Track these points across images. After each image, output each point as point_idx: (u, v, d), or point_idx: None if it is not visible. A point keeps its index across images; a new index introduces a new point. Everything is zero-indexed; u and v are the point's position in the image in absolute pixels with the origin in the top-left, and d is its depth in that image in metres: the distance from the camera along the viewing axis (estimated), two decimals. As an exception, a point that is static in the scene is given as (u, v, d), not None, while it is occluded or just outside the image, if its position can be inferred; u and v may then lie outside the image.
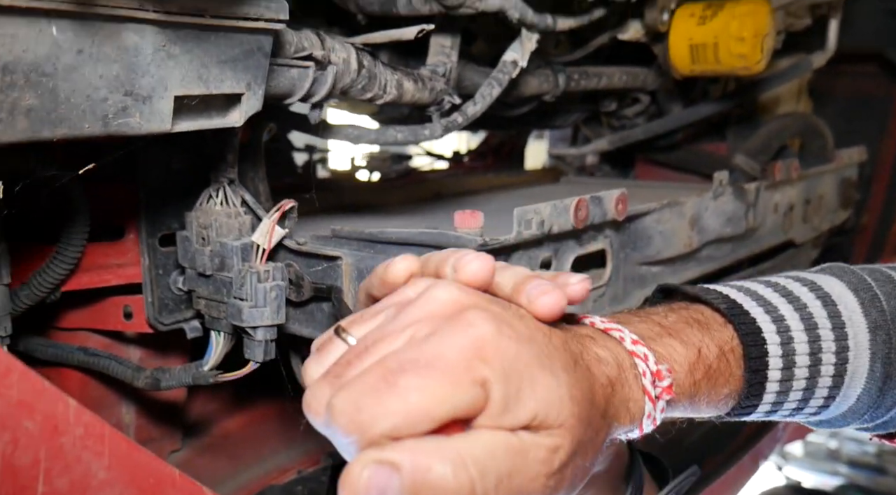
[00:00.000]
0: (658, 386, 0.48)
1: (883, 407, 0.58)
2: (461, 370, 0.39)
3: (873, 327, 0.56)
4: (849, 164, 1.35)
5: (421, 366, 0.39)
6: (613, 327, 0.49)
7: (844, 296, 0.57)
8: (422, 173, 1.53)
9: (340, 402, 0.38)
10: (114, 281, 0.73)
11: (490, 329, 0.41)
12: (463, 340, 0.40)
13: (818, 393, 0.56)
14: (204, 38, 0.52)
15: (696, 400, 0.51)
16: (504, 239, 0.68)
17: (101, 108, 0.48)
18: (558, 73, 1.08)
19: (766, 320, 0.54)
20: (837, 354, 0.55)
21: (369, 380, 0.39)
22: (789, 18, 1.24)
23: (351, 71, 0.71)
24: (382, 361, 0.40)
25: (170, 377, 0.71)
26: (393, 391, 0.38)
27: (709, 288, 0.58)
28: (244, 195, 0.71)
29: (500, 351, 0.40)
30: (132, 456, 0.40)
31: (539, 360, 0.41)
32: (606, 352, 0.47)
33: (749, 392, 0.53)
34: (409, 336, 0.41)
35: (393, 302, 0.45)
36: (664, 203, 0.91)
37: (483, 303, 0.43)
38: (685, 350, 0.51)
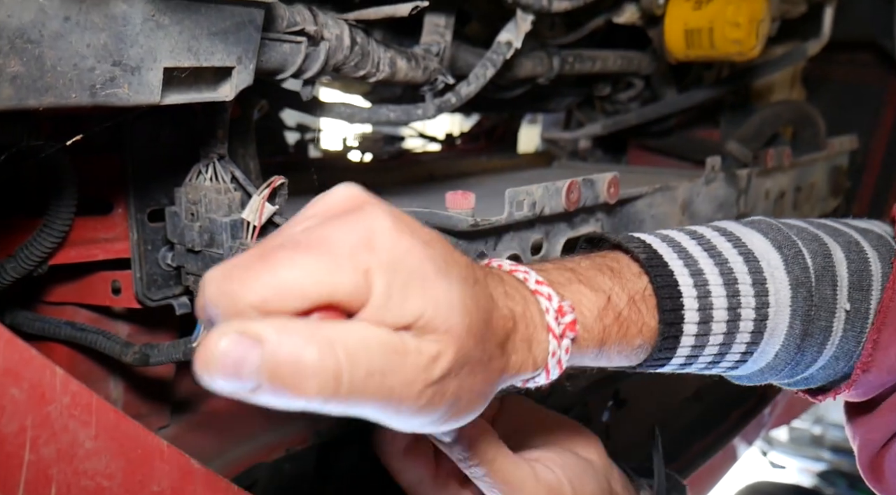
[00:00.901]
0: (561, 322, 0.46)
1: (802, 363, 0.57)
2: (344, 254, 0.36)
3: (795, 284, 0.55)
4: (840, 153, 1.35)
5: (301, 246, 0.36)
6: (519, 269, 0.48)
7: (768, 253, 0.55)
8: (414, 155, 1.52)
9: (211, 272, 0.36)
10: (102, 255, 0.72)
11: (386, 222, 0.38)
12: (353, 228, 0.37)
13: (735, 348, 0.54)
14: (194, 9, 0.51)
15: (606, 346, 0.50)
16: (495, 220, 0.68)
17: (88, 77, 0.47)
18: (553, 55, 1.07)
19: (684, 273, 0.53)
20: (757, 310, 0.53)
21: (245, 256, 0.37)
22: (784, 5, 1.24)
23: (344, 47, 0.71)
24: (263, 243, 0.38)
25: (159, 353, 0.71)
26: (266, 263, 0.35)
27: (633, 236, 0.56)
28: (234, 171, 0.70)
29: (392, 243, 0.37)
30: (120, 426, 0.40)
31: (434, 263, 0.38)
32: (512, 288, 0.45)
33: (662, 344, 0.52)
34: (303, 226, 0.39)
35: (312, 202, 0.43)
36: (656, 187, 0.91)
37: (384, 205, 0.40)
38: (594, 295, 0.49)
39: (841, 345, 0.57)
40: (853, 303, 0.56)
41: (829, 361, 0.58)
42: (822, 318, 0.56)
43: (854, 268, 0.58)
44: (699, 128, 1.37)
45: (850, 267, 0.57)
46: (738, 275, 0.54)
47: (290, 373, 0.33)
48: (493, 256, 0.72)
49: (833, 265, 0.57)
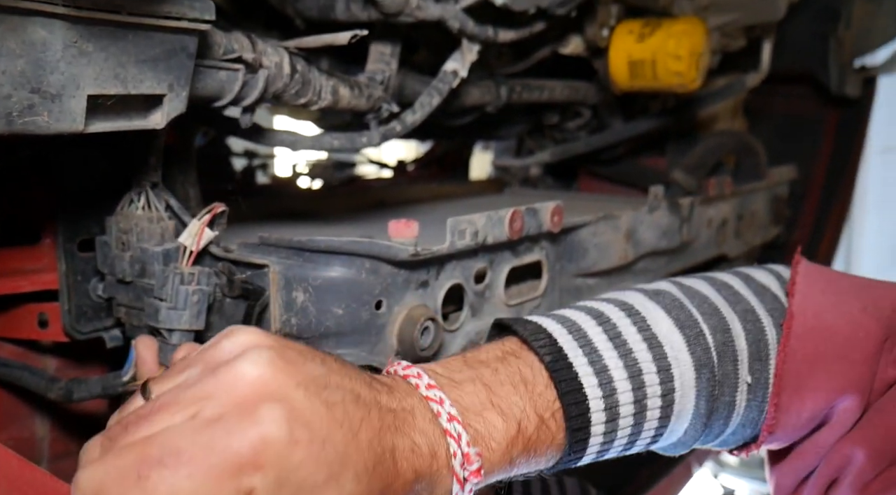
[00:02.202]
0: (466, 469, 0.47)
1: (711, 435, 0.60)
2: (227, 475, 0.36)
3: (698, 365, 0.56)
4: (780, 182, 1.39)
5: (182, 462, 0.36)
6: (434, 397, 0.48)
7: (671, 335, 0.57)
8: (365, 181, 1.51)
9: (83, 480, 0.36)
10: (28, 287, 0.69)
11: (280, 432, 0.38)
12: (243, 440, 0.37)
13: (644, 434, 0.56)
14: (121, 36, 0.50)
15: (513, 469, 0.52)
16: (437, 249, 0.68)
17: (3, 105, 0.45)
18: (500, 84, 1.08)
19: (588, 373, 0.54)
20: (663, 397, 0.55)
21: (122, 463, 0.36)
22: (724, 39, 1.28)
23: (283, 75, 0.70)
24: (147, 442, 0.37)
25: (83, 388, 0.67)
26: (140, 486, 0.35)
27: (540, 327, 0.57)
28: (168, 199, 0.68)
29: (281, 459, 0.37)
30: (24, 475, 0.37)
31: (327, 469, 0.39)
32: (422, 437, 0.46)
33: (571, 449, 0.53)
34: (193, 412, 0.38)
35: (202, 357, 0.43)
36: (600, 216, 0.92)
37: (288, 391, 0.40)
38: (505, 425, 0.50)
39: (746, 414, 0.59)
40: (753, 374, 0.58)
41: (736, 429, 0.60)
42: (726, 394, 0.58)
43: (752, 339, 0.59)
44: (647, 156, 1.40)
45: (748, 338, 0.59)
46: (643, 364, 0.55)
47: None
48: (437, 285, 0.72)
49: (732, 340, 0.59)
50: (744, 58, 1.36)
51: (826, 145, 1.72)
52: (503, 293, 0.80)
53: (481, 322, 0.78)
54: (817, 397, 0.57)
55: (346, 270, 0.65)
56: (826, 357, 0.57)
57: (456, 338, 0.75)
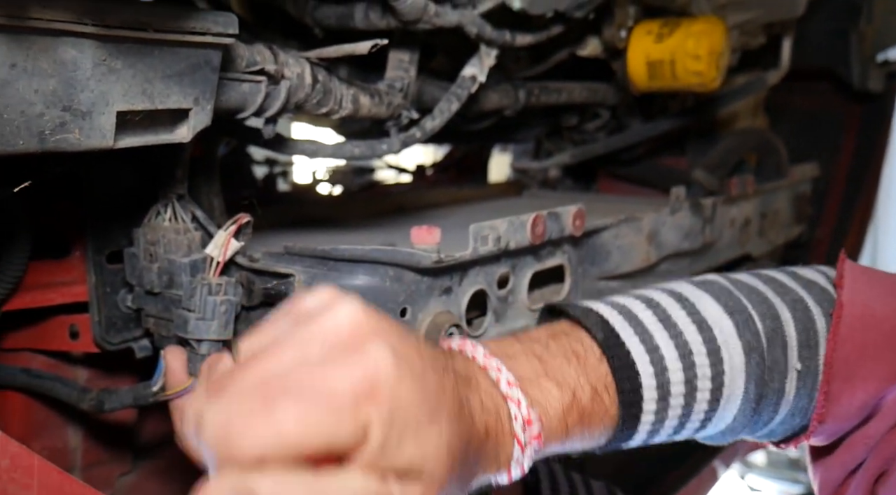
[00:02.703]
0: (528, 432, 0.48)
1: (760, 423, 0.60)
2: (347, 406, 0.37)
3: (748, 350, 0.57)
4: (802, 180, 1.38)
5: (305, 393, 0.37)
6: (493, 366, 0.49)
7: (721, 321, 0.57)
8: (384, 187, 1.52)
9: (211, 415, 0.36)
10: (59, 299, 0.71)
11: (389, 366, 0.39)
12: (357, 373, 0.38)
13: (694, 417, 0.57)
14: (147, 53, 0.51)
15: (568, 441, 0.52)
16: (459, 255, 0.68)
17: (36, 123, 0.46)
18: (518, 88, 1.08)
19: (640, 351, 0.55)
20: (713, 379, 0.56)
21: (247, 397, 0.37)
22: (744, 37, 1.27)
23: (305, 85, 0.71)
24: (265, 379, 0.38)
25: (114, 398, 0.68)
26: (269, 414, 0.36)
27: (591, 309, 0.58)
28: (195, 211, 0.69)
29: (393, 392, 0.39)
30: (63, 487, 0.38)
31: (428, 406, 0.40)
32: (488, 398, 0.47)
33: (624, 426, 0.54)
34: (298, 355, 0.39)
35: (290, 311, 0.43)
36: (621, 218, 0.91)
37: (385, 333, 0.41)
38: (560, 393, 0.51)
39: (795, 402, 0.59)
40: (803, 361, 0.59)
41: (785, 417, 0.60)
42: (776, 380, 0.58)
43: (801, 327, 0.59)
44: (666, 156, 1.39)
45: (797, 326, 0.59)
46: (693, 346, 0.56)
47: None
48: (461, 291, 0.72)
49: (782, 326, 0.59)
50: (764, 55, 1.35)
51: (848, 141, 1.70)
52: (526, 298, 0.80)
53: (505, 327, 0.78)
54: (867, 386, 0.56)
55: (369, 278, 0.66)
56: (876, 346, 0.57)
57: (480, 344, 0.76)
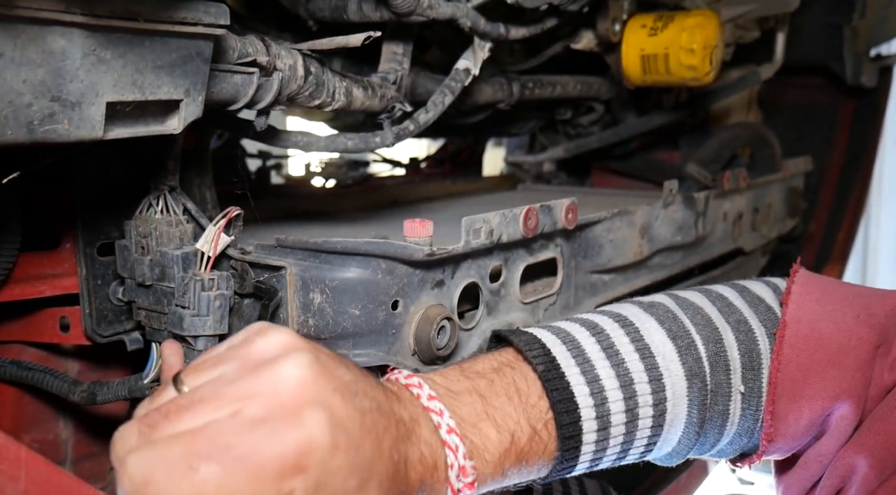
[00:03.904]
0: (461, 480, 0.48)
1: (707, 443, 0.61)
2: (271, 477, 0.37)
3: (689, 375, 0.58)
4: (795, 174, 1.38)
5: (230, 459, 0.37)
6: (435, 409, 0.50)
7: (663, 346, 0.58)
8: (378, 180, 1.52)
9: (133, 464, 0.37)
10: (49, 291, 0.70)
11: (323, 438, 0.39)
12: (288, 443, 0.38)
13: (637, 443, 0.58)
14: (138, 43, 0.51)
15: (505, 480, 0.53)
16: (452, 248, 0.68)
17: (25, 114, 0.46)
18: (512, 81, 1.08)
19: (580, 382, 0.55)
20: (655, 406, 0.57)
21: (172, 453, 0.37)
22: (738, 31, 1.27)
23: (297, 77, 0.70)
24: (196, 435, 0.38)
25: (107, 390, 0.68)
26: (190, 477, 0.36)
27: (535, 338, 0.58)
28: (186, 203, 0.69)
29: (323, 464, 0.39)
30: (51, 479, 0.38)
31: (359, 475, 0.40)
32: (427, 449, 0.48)
33: (563, 458, 0.55)
34: (236, 409, 0.39)
35: (238, 354, 0.43)
36: (614, 212, 0.91)
37: (328, 397, 0.41)
38: (498, 437, 0.52)
39: (741, 423, 0.60)
40: (746, 384, 0.59)
41: (733, 438, 0.61)
42: (719, 403, 0.59)
43: (744, 349, 0.60)
44: (660, 150, 1.39)
45: (740, 348, 0.60)
46: (635, 374, 0.57)
47: None
48: (453, 284, 0.72)
49: (725, 350, 0.60)
50: (757, 49, 1.35)
51: (842, 136, 1.70)
52: (518, 291, 0.80)
53: (497, 320, 0.78)
54: (813, 404, 0.58)
55: (362, 271, 0.66)
56: (820, 364, 0.58)
57: (472, 337, 0.76)
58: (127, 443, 0.38)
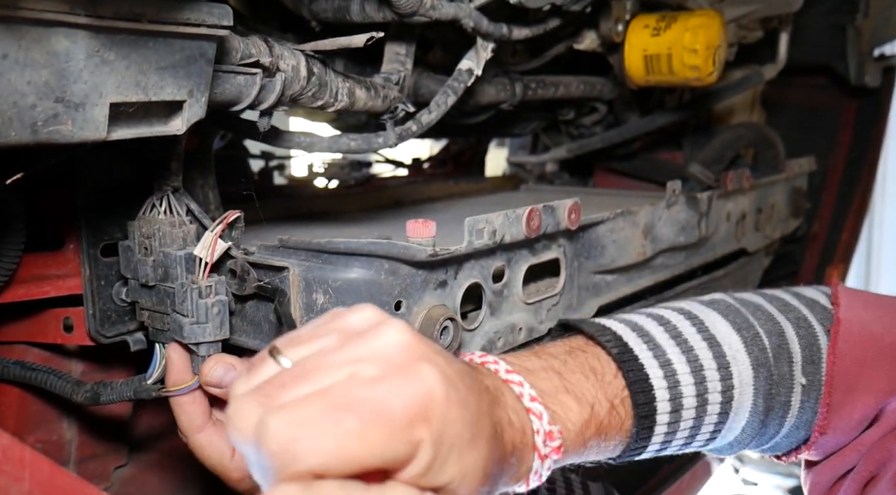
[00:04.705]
0: (548, 445, 0.50)
1: (767, 435, 0.62)
2: (403, 425, 0.39)
3: (756, 365, 0.60)
4: (799, 174, 1.38)
5: (367, 410, 0.38)
6: (515, 380, 0.51)
7: (729, 337, 0.60)
8: (381, 180, 1.52)
9: (277, 424, 0.37)
10: (53, 292, 0.70)
11: (440, 389, 0.41)
12: (411, 395, 0.40)
13: (704, 429, 0.59)
14: (142, 44, 0.51)
15: (586, 452, 0.54)
16: (455, 249, 0.68)
17: (29, 115, 0.46)
18: (515, 81, 1.08)
19: (653, 365, 0.57)
20: (723, 393, 0.58)
21: (311, 410, 0.38)
22: (741, 31, 1.27)
23: (300, 78, 0.70)
24: (327, 393, 0.39)
25: (111, 391, 0.68)
26: (334, 429, 0.37)
27: (605, 327, 0.60)
28: (189, 204, 0.69)
29: (443, 415, 0.40)
30: (55, 480, 0.38)
31: (470, 430, 0.42)
32: (514, 415, 0.49)
33: (638, 436, 0.56)
34: (352, 372, 0.40)
35: (335, 327, 0.44)
36: (617, 212, 0.91)
37: (434, 357, 0.42)
38: (579, 408, 0.53)
39: (800, 415, 0.61)
40: (807, 376, 0.61)
41: (790, 430, 0.62)
42: (782, 394, 0.61)
43: (805, 343, 0.62)
44: (663, 151, 1.39)
45: (801, 342, 0.62)
46: (704, 361, 0.58)
47: None
48: (456, 284, 0.72)
49: (787, 343, 0.62)
50: (761, 49, 1.35)
51: (845, 136, 1.70)
52: (521, 291, 0.80)
53: (500, 321, 0.78)
54: (867, 398, 0.59)
55: (365, 271, 0.66)
56: (874, 359, 0.60)
57: (475, 338, 0.76)
58: (251, 414, 0.38)
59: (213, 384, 0.62)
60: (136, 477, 0.86)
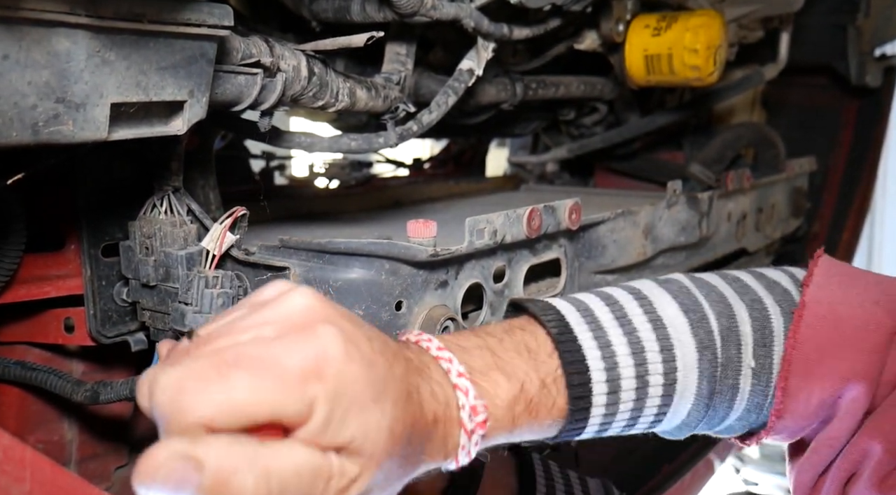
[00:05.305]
0: (473, 420, 0.49)
1: (716, 418, 0.61)
2: (295, 381, 0.39)
3: (701, 347, 0.59)
4: (799, 174, 1.38)
5: (256, 366, 0.38)
6: (445, 357, 0.51)
7: (675, 319, 0.59)
8: (382, 180, 1.52)
9: (164, 379, 0.38)
10: (54, 292, 0.70)
11: (337, 348, 0.41)
12: (306, 351, 0.40)
13: (647, 411, 0.58)
14: (142, 44, 0.51)
15: (516, 430, 0.54)
16: (455, 249, 0.68)
17: (30, 115, 0.46)
18: (516, 81, 1.08)
19: (592, 346, 0.56)
20: (665, 375, 0.57)
21: (200, 365, 0.38)
22: (742, 31, 1.27)
23: (301, 78, 0.70)
24: (220, 351, 0.39)
25: (110, 390, 0.68)
26: (221, 381, 0.37)
27: (550, 305, 0.59)
28: (190, 203, 0.69)
29: (340, 372, 0.40)
30: (56, 480, 0.38)
31: (374, 388, 0.42)
32: (438, 388, 0.49)
33: (573, 417, 0.55)
34: (254, 334, 0.41)
35: (248, 301, 0.45)
36: (618, 212, 0.91)
37: (336, 318, 0.43)
38: (508, 385, 0.53)
39: (750, 398, 0.61)
40: (758, 360, 0.60)
41: (742, 414, 0.61)
42: (729, 377, 0.60)
43: (757, 326, 0.61)
44: (663, 151, 1.39)
45: (753, 325, 0.61)
46: (646, 343, 0.58)
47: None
48: (457, 284, 0.72)
49: (737, 325, 0.60)
50: (761, 49, 1.35)
51: (846, 136, 1.70)
52: (522, 291, 0.80)
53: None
54: (825, 384, 0.58)
55: (365, 272, 0.66)
56: (835, 345, 0.59)
57: (476, 338, 0.76)
58: (153, 372, 0.39)
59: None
60: (136, 477, 0.86)
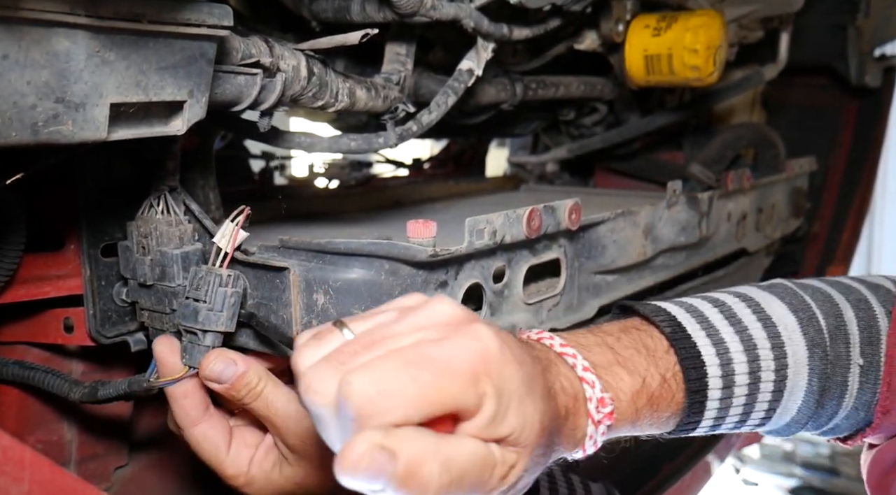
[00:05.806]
0: (601, 411, 0.52)
1: (824, 416, 0.63)
2: (469, 377, 0.42)
3: (811, 345, 0.60)
4: (799, 174, 1.38)
5: (438, 365, 0.41)
6: (569, 353, 0.54)
7: (785, 318, 0.61)
8: (382, 180, 1.52)
9: (361, 382, 0.40)
10: (53, 292, 0.70)
11: (495, 346, 0.44)
12: (473, 350, 0.43)
13: (758, 407, 0.60)
14: (142, 44, 0.51)
15: (638, 423, 0.56)
16: (455, 249, 0.68)
17: (29, 115, 0.46)
18: (516, 82, 1.08)
19: (706, 344, 0.59)
20: (777, 372, 0.59)
21: (390, 367, 0.41)
22: (742, 31, 1.27)
23: (301, 78, 0.70)
24: (401, 353, 0.42)
25: (108, 387, 0.68)
26: (414, 383, 0.40)
27: (660, 308, 0.62)
28: (189, 204, 0.69)
29: (501, 369, 0.44)
30: (56, 480, 0.38)
31: (527, 385, 0.45)
32: (567, 382, 0.52)
33: (690, 411, 0.58)
34: (417, 338, 0.44)
35: (393, 306, 0.48)
36: (618, 212, 0.91)
37: (484, 322, 0.46)
38: (630, 379, 0.56)
39: (859, 396, 0.62)
40: (865, 357, 0.62)
41: (850, 412, 0.63)
42: (839, 374, 0.61)
43: (864, 324, 0.63)
44: (663, 151, 1.39)
45: (859, 324, 0.63)
46: (758, 340, 0.60)
47: (415, 485, 0.40)
48: (456, 285, 0.72)
49: (845, 324, 0.62)
50: (761, 49, 1.35)
51: (845, 136, 1.70)
52: (522, 291, 0.80)
53: (500, 321, 0.78)
54: None
55: (365, 272, 0.66)
56: None
57: (476, 338, 0.75)
58: (330, 377, 0.42)
59: (213, 378, 0.62)
60: (136, 477, 0.86)
